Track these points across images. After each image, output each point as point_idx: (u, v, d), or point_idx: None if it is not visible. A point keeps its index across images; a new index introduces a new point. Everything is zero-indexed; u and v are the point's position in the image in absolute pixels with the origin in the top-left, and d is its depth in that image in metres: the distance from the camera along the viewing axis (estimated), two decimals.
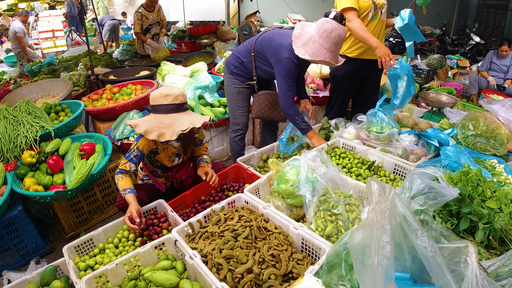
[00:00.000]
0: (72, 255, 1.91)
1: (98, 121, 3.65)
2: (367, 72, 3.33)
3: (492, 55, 5.93)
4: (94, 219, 2.95)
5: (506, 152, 2.56)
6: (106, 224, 2.08)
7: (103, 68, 5.52)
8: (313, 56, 2.33)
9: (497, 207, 1.57)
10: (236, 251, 1.58)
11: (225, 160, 4.14)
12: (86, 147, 2.76)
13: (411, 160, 2.55)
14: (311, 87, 4.57)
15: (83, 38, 11.07)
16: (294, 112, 2.61)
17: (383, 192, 1.20)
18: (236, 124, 3.04)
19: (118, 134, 3.22)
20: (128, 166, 2.23)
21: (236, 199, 2.09)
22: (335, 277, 1.36)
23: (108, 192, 3.02)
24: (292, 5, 11.17)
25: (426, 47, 11.35)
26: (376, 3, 3.02)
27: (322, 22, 2.34)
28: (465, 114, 2.93)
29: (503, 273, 1.26)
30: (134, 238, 2.07)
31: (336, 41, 2.32)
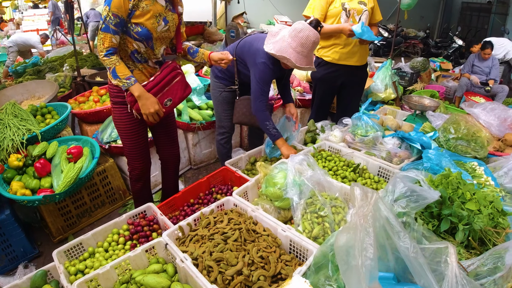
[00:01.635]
0: (62, 259, 1.92)
1: (85, 124, 3.65)
2: (345, 77, 3.40)
3: (474, 58, 6.09)
4: (82, 222, 2.96)
5: (486, 154, 2.66)
6: (96, 228, 2.09)
7: (89, 69, 5.48)
8: (278, 51, 2.34)
9: (476, 208, 1.64)
10: (226, 253, 1.62)
11: (213, 162, 4.18)
12: (74, 150, 2.76)
13: (394, 163, 2.63)
14: (298, 90, 4.64)
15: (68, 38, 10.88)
16: (265, 117, 2.61)
17: (365, 197, 1.25)
18: (222, 127, 3.08)
19: (106, 137, 3.22)
20: (114, 40, 1.94)
21: (225, 202, 2.12)
22: (322, 277, 1.42)
23: (96, 195, 3.03)
24: (278, 6, 11.26)
25: (410, 50, 11.56)
26: (348, 10, 3.10)
27: (296, 23, 2.39)
28: (446, 117, 3.02)
29: (482, 272, 1.33)
30: (124, 242, 2.08)
31: (303, 41, 2.32)
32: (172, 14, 2.15)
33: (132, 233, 2.13)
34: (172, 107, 2.27)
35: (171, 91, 2.22)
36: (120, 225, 2.18)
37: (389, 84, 5.03)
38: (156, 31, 2.05)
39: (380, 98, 4.99)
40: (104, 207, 3.12)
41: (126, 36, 2.03)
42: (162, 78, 2.17)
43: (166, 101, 2.21)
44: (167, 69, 2.21)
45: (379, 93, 5.01)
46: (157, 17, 2.03)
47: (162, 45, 2.20)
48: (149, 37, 2.03)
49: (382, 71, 5.08)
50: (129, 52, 2.09)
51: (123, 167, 3.30)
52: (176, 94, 2.26)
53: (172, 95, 2.24)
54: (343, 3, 3.10)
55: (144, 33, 2.00)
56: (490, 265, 1.35)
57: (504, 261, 1.33)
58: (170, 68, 2.22)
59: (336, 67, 3.33)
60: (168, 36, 2.18)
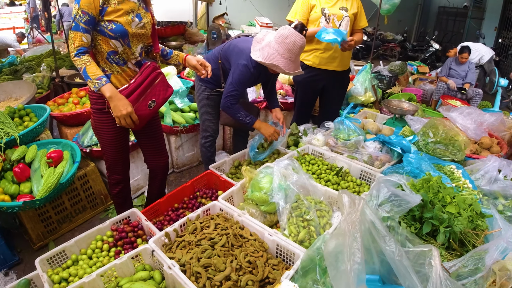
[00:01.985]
0: (44, 267, 1.87)
1: (65, 127, 3.57)
2: (326, 82, 3.46)
3: (451, 62, 6.26)
4: (63, 228, 2.89)
5: (463, 157, 2.75)
6: (79, 235, 2.05)
7: (68, 70, 5.35)
8: (266, 59, 2.35)
9: (456, 211, 1.70)
10: (214, 259, 1.62)
11: (195, 165, 4.16)
12: (54, 154, 2.70)
13: (376, 166, 2.68)
14: (280, 93, 4.68)
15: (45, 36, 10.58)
16: (235, 111, 2.63)
17: (353, 204, 1.29)
18: (206, 131, 3.07)
19: (87, 140, 3.16)
20: (84, 38, 1.87)
21: (211, 207, 2.12)
22: (310, 281, 1.44)
23: (77, 200, 2.97)
24: (259, 8, 11.30)
25: (388, 53, 11.81)
26: (328, 15, 3.15)
27: (281, 28, 2.40)
28: (425, 121, 3.11)
29: (463, 273, 1.39)
30: (108, 249, 2.05)
31: (290, 47, 2.33)
32: (146, 13, 2.12)
33: (116, 239, 2.10)
34: (156, 108, 2.24)
35: (153, 92, 2.18)
36: (104, 232, 2.15)
37: (369, 88, 5.12)
38: (130, 27, 2.00)
39: (360, 101, 5.08)
40: (85, 212, 3.06)
41: (101, 36, 1.97)
42: (144, 79, 2.13)
43: (150, 103, 2.16)
44: (148, 70, 2.17)
45: (359, 96, 5.10)
46: (129, 13, 1.99)
47: (139, 43, 2.13)
48: (125, 33, 1.97)
49: (362, 74, 5.17)
50: (106, 54, 2.03)
51: (104, 171, 3.23)
52: (159, 95, 2.23)
53: (156, 96, 2.20)
54: (323, 8, 3.15)
55: (119, 29, 1.94)
56: (471, 266, 1.41)
57: (484, 262, 1.39)
58: (151, 69, 2.18)
59: (316, 71, 3.39)
60: (144, 34, 2.12)
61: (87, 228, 2.94)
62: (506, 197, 2.35)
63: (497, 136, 3.38)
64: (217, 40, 6.34)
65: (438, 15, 14.95)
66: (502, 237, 1.52)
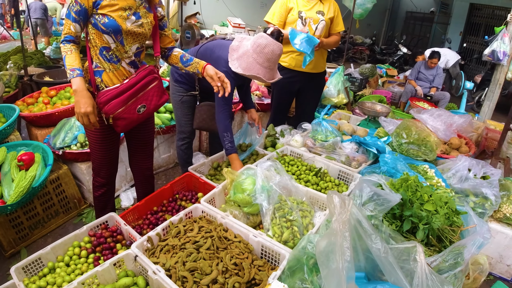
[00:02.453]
0: (20, 276, 1.79)
1: (35, 128, 3.42)
2: (302, 84, 3.51)
3: (420, 65, 6.49)
4: (35, 234, 2.77)
5: (435, 157, 2.86)
6: (55, 242, 1.97)
7: (36, 68, 5.15)
8: (246, 70, 2.35)
9: (433, 209, 1.77)
10: (200, 262, 1.61)
11: (171, 167, 4.10)
12: (25, 157, 2.59)
13: (353, 166, 2.75)
14: (256, 94, 4.70)
15: (11, 33, 10.10)
16: (225, 128, 2.57)
17: (343, 204, 1.31)
18: (182, 133, 3.03)
19: (59, 142, 3.05)
20: (72, 27, 1.83)
21: (193, 210, 2.10)
22: (297, 280, 1.46)
23: (49, 205, 2.85)
24: (232, 8, 11.30)
25: (358, 56, 12.10)
26: (304, 18, 3.21)
27: (258, 37, 2.38)
28: (398, 123, 3.21)
29: (444, 267, 1.45)
30: (87, 255, 1.99)
31: (269, 56, 2.34)
32: (147, 13, 2.05)
33: (94, 245, 2.04)
34: (146, 114, 2.15)
35: (145, 96, 2.11)
36: (81, 237, 2.08)
37: (342, 90, 5.24)
38: (125, 23, 1.92)
39: (333, 102, 5.18)
40: (58, 217, 2.94)
41: (95, 30, 1.92)
42: (137, 81, 2.05)
43: (140, 108, 2.09)
44: (143, 72, 2.09)
45: (332, 98, 5.20)
46: (126, 9, 1.92)
47: (135, 43, 2.04)
48: (118, 29, 1.90)
49: (335, 77, 5.28)
50: (98, 49, 1.97)
51: (77, 174, 3.15)
52: (152, 101, 2.14)
53: (147, 101, 2.12)
54: (300, 11, 3.20)
55: (112, 24, 1.88)
56: (451, 261, 1.47)
57: (463, 256, 1.46)
58: (147, 72, 2.10)
59: (292, 73, 3.43)
60: (141, 33, 2.03)
61: (60, 233, 2.85)
62: (476, 195, 2.47)
63: (465, 136, 3.53)
64: (191, 40, 6.30)
65: (405, 20, 15.51)
66: (478, 233, 1.59)
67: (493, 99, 5.17)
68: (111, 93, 1.98)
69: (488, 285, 2.57)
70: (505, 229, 2.60)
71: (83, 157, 3.02)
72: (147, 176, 2.63)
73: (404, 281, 1.28)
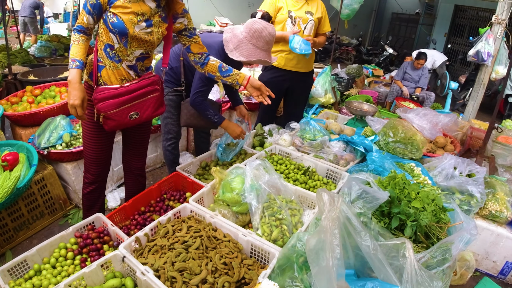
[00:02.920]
0: (6, 278, 1.75)
1: (19, 127, 3.35)
2: (291, 83, 3.52)
3: (407, 66, 6.56)
4: (20, 236, 2.70)
5: (421, 156, 2.89)
6: (41, 243, 1.93)
7: (20, 67, 5.03)
8: (248, 57, 2.37)
9: (421, 206, 1.79)
10: (189, 262, 1.59)
11: (158, 167, 4.07)
12: (9, 157, 2.53)
13: (341, 165, 2.76)
14: (244, 93, 4.69)
15: None
16: (205, 108, 2.60)
17: (333, 201, 1.32)
18: (168, 133, 3.00)
19: (44, 141, 2.99)
20: (85, 18, 1.82)
21: (182, 209, 2.08)
22: (288, 279, 1.46)
23: (34, 206, 2.79)
24: (220, 8, 11.27)
25: (344, 56, 12.19)
26: (294, 17, 3.22)
27: (252, 23, 2.39)
28: (384, 122, 3.24)
29: (432, 263, 1.47)
30: (73, 257, 1.95)
31: (267, 39, 2.38)
32: (161, 22, 2.00)
33: (81, 246, 2.00)
34: (137, 121, 2.12)
35: (141, 105, 2.08)
36: (67, 239, 2.04)
37: (329, 89, 5.27)
38: (133, 28, 1.89)
39: (320, 102, 5.21)
40: (43, 218, 2.88)
41: (103, 25, 1.91)
42: (138, 88, 2.03)
43: (132, 114, 2.06)
44: (146, 81, 2.07)
45: (320, 98, 5.22)
46: (138, 15, 1.89)
47: (140, 48, 2.01)
48: (124, 32, 1.87)
49: (322, 76, 5.31)
50: (104, 45, 1.95)
51: (63, 174, 3.09)
52: (146, 111, 2.12)
53: (141, 110, 2.09)
54: (289, 11, 3.22)
55: (119, 26, 1.85)
56: (439, 257, 1.49)
57: (451, 252, 1.47)
58: (149, 81, 2.08)
59: (282, 72, 3.44)
60: (148, 41, 1.99)
61: (45, 235, 2.79)
62: (462, 192, 2.50)
63: (450, 135, 3.59)
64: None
65: (391, 21, 15.70)
66: (465, 229, 1.61)
67: (477, 99, 5.27)
68: (109, 92, 1.96)
69: (475, 281, 2.61)
70: (490, 226, 2.64)
71: (69, 157, 2.97)
72: (137, 175, 2.60)
73: (393, 277, 1.29)
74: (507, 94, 7.03)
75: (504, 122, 4.85)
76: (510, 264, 2.67)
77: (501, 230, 2.62)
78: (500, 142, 3.49)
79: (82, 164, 2.48)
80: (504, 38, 4.87)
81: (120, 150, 2.58)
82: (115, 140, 2.84)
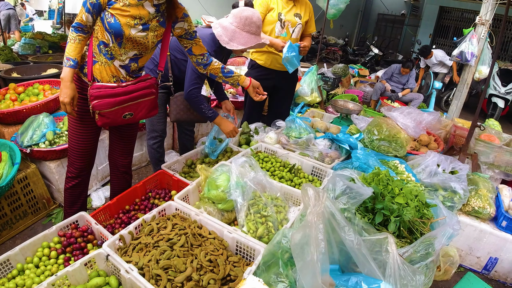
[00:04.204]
0: None
1: (1, 125, 3.27)
2: (277, 81, 3.54)
3: (395, 69, 6.61)
4: (3, 236, 2.65)
5: (405, 153, 2.93)
6: (24, 242, 1.90)
7: (3, 64, 4.94)
8: (246, 44, 2.44)
9: (404, 202, 1.81)
10: (174, 260, 1.59)
11: (144, 165, 4.04)
12: None
13: (326, 162, 2.78)
14: (230, 92, 4.69)
15: None
16: (200, 101, 2.60)
17: (318, 196, 1.33)
18: (154, 131, 2.98)
19: (27, 140, 2.94)
20: (84, 17, 1.83)
21: (167, 207, 2.07)
22: (273, 275, 1.47)
23: (17, 205, 2.75)
24: (207, 7, 11.24)
25: (331, 56, 12.27)
26: (283, 21, 3.24)
27: (240, 12, 2.44)
28: (369, 120, 3.28)
29: (416, 258, 1.49)
30: (56, 256, 1.92)
31: (258, 23, 2.46)
32: (158, 27, 2.01)
33: (64, 245, 1.98)
34: (130, 121, 2.14)
35: (136, 106, 2.10)
36: (51, 238, 2.01)
37: (315, 88, 5.30)
38: (129, 30, 1.89)
39: (307, 101, 5.24)
40: (26, 218, 2.84)
41: (100, 23, 1.90)
42: (135, 90, 2.05)
43: (126, 114, 2.07)
44: (143, 84, 2.09)
45: (306, 97, 5.25)
46: (136, 18, 1.89)
47: (134, 50, 2.00)
48: (119, 33, 1.88)
49: (308, 76, 5.33)
50: (98, 41, 1.95)
51: (46, 173, 3.04)
52: (140, 112, 2.14)
53: (136, 111, 2.11)
54: (280, 13, 3.22)
55: (115, 26, 1.85)
56: (422, 252, 1.51)
57: (434, 247, 1.50)
58: (146, 84, 2.10)
59: (268, 71, 3.45)
60: (143, 44, 1.99)
61: (29, 235, 2.75)
62: (445, 189, 2.55)
63: (434, 134, 3.65)
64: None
65: (377, 22, 15.88)
66: (448, 224, 1.64)
67: (461, 98, 5.36)
68: (106, 91, 1.96)
69: (459, 276, 2.66)
70: (474, 222, 2.69)
71: (52, 155, 2.92)
72: (122, 172, 2.57)
73: (377, 271, 1.31)
74: (490, 93, 7.18)
75: (487, 121, 4.95)
76: (494, 259, 2.72)
77: (484, 226, 2.68)
78: (482, 140, 3.56)
79: (66, 162, 2.45)
80: (488, 38, 4.96)
81: (105, 149, 2.56)
82: (100, 138, 2.81)
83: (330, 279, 1.26)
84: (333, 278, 1.33)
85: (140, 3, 1.88)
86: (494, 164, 3.49)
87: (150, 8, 1.93)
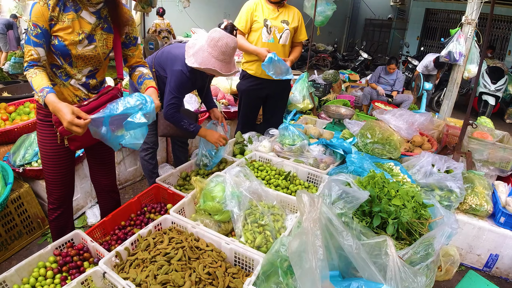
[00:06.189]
0: None
1: None
2: (269, 90, 3.55)
3: (381, 71, 6.66)
4: None
5: (399, 155, 2.94)
6: (19, 263, 1.87)
7: None
8: (201, 64, 2.34)
9: (401, 203, 1.81)
10: (172, 274, 1.56)
11: (139, 180, 4.01)
12: None
13: (321, 168, 2.78)
14: (223, 103, 4.69)
15: None
16: (178, 119, 2.59)
17: (313, 202, 1.32)
18: (145, 143, 2.98)
19: (19, 159, 2.91)
20: (34, 52, 1.72)
21: (163, 221, 2.05)
22: (273, 284, 1.45)
23: (12, 225, 2.70)
24: (196, 19, 11.29)
25: (321, 62, 12.36)
26: (269, 26, 3.26)
27: (211, 32, 2.40)
28: (362, 124, 3.29)
29: (416, 259, 1.48)
30: (53, 276, 1.89)
31: (223, 49, 2.34)
32: (105, 34, 1.93)
33: (60, 265, 1.94)
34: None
35: None
36: (46, 257, 1.97)
37: (307, 95, 5.32)
38: (75, 48, 1.82)
39: (299, 108, 5.25)
40: (21, 238, 2.79)
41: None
42: (98, 106, 1.90)
43: None
44: (105, 97, 1.95)
45: (298, 104, 5.27)
46: (80, 34, 1.81)
47: (87, 66, 1.95)
48: (66, 53, 1.81)
49: (299, 83, 5.36)
50: (49, 65, 1.88)
51: (39, 192, 3.01)
52: None
53: None
54: (265, 19, 3.24)
55: (60, 48, 1.79)
56: (422, 253, 1.50)
57: (434, 247, 1.49)
58: (109, 96, 1.96)
59: (259, 80, 3.46)
60: (94, 57, 1.92)
61: (25, 255, 2.69)
62: (441, 188, 2.55)
63: (427, 134, 3.66)
64: (153, 51, 6.23)
65: (365, 27, 16.08)
66: (446, 223, 1.64)
67: (451, 98, 5.40)
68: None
69: (461, 275, 2.64)
70: (472, 220, 2.69)
71: None
72: (108, 192, 2.49)
73: (378, 275, 1.29)
74: (481, 92, 7.25)
75: (479, 119, 4.98)
76: (494, 256, 2.72)
77: (482, 224, 2.68)
78: (475, 138, 3.58)
79: None
80: (475, 37, 5.01)
81: None
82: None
83: (330, 286, 1.24)
84: (334, 284, 1.32)
85: (78, 15, 1.81)
86: (489, 161, 3.51)
87: (89, 18, 1.85)
